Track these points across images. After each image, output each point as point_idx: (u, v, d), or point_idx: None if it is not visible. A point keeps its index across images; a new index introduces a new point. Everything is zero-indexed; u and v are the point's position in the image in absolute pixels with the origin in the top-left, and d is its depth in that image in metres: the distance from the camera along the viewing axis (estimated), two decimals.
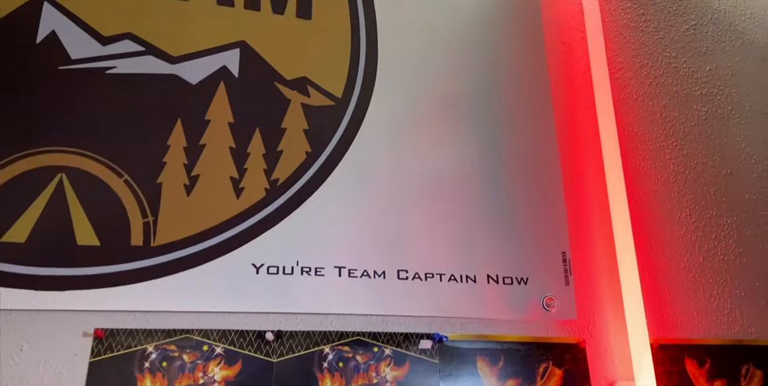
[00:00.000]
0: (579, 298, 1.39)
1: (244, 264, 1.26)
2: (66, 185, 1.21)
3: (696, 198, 1.54)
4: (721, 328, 1.43)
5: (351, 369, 1.25)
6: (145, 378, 1.15)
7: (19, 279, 1.15)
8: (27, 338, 1.12)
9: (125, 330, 1.17)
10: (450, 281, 1.35)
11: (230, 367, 1.20)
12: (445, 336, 1.30)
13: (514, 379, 1.30)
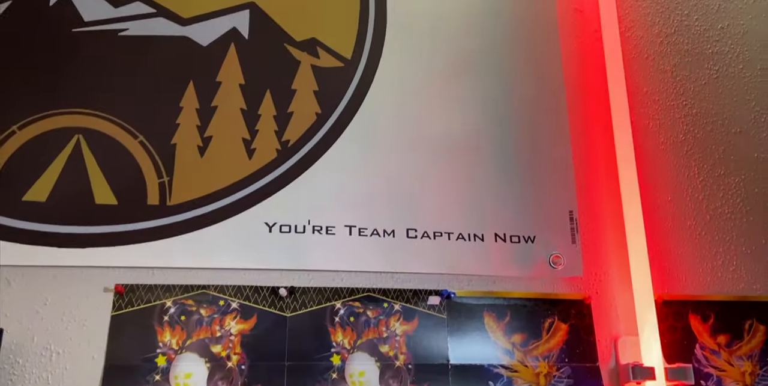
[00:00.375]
0: (585, 256, 1.42)
1: (257, 223, 1.30)
2: (83, 146, 1.25)
3: (704, 157, 1.55)
4: (726, 285, 1.45)
5: (362, 324, 1.30)
6: (165, 330, 1.20)
7: (41, 237, 1.19)
8: (50, 292, 1.17)
9: (144, 286, 1.22)
10: (458, 239, 1.38)
11: (246, 321, 1.25)
12: (453, 292, 1.34)
13: (520, 334, 1.34)
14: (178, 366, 1.19)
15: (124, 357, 1.17)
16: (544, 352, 1.34)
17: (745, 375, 1.38)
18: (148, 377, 1.16)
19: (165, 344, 1.19)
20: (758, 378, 1.39)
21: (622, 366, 1.33)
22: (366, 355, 1.28)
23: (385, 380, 1.26)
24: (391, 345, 1.29)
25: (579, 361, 1.34)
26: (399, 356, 1.29)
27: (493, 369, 1.31)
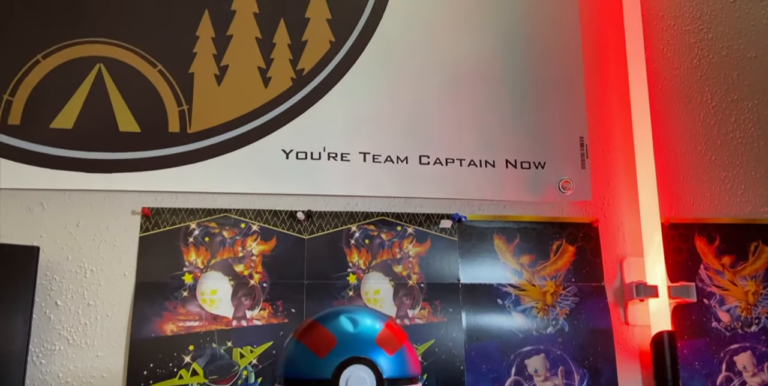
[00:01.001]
0: (594, 180, 1.45)
1: (274, 150, 1.35)
2: (105, 75, 1.29)
3: (718, 82, 1.54)
4: (733, 208, 1.48)
5: (376, 246, 1.36)
6: (190, 251, 1.28)
7: (70, 162, 1.26)
8: (82, 215, 1.25)
9: (169, 209, 1.28)
10: (470, 165, 1.42)
11: (266, 243, 1.31)
12: (464, 216, 1.39)
13: (528, 255, 1.40)
14: (204, 283, 1.27)
15: (153, 275, 1.25)
16: (552, 272, 1.40)
17: (748, 295, 1.43)
18: (177, 293, 1.25)
19: (191, 263, 1.27)
20: (761, 298, 1.43)
21: (627, 285, 1.39)
22: (380, 275, 1.34)
23: (399, 297, 1.33)
24: (404, 266, 1.35)
25: (585, 281, 1.40)
26: (412, 276, 1.35)
27: (502, 288, 1.37)
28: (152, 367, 1.20)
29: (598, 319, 1.37)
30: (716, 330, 1.40)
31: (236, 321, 1.26)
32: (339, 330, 0.89)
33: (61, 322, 1.19)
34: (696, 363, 1.37)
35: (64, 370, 1.17)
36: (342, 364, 0.85)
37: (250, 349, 1.25)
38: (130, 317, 1.21)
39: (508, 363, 1.32)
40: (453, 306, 1.34)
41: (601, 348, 1.36)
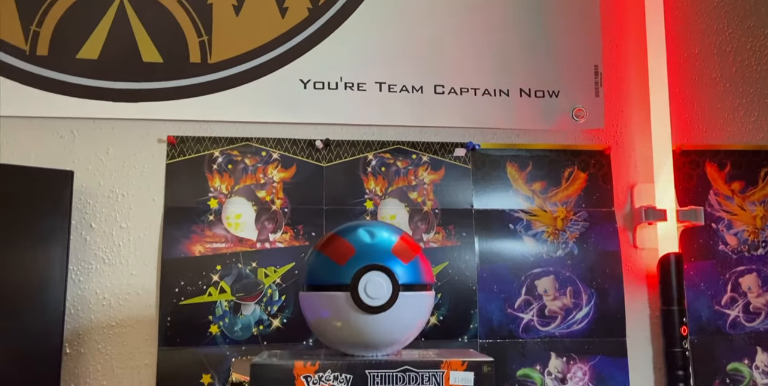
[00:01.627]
0: (608, 108, 1.47)
1: (292, 80, 1.38)
2: (126, 5, 1.33)
3: (735, 9, 1.53)
4: (745, 135, 1.49)
5: (392, 173, 1.40)
6: (215, 177, 1.33)
7: (97, 92, 1.31)
8: (110, 143, 1.30)
9: (194, 138, 1.34)
10: (484, 94, 1.44)
11: (286, 170, 1.37)
12: (477, 145, 1.42)
13: (540, 182, 1.44)
14: (228, 208, 1.33)
15: (180, 200, 1.32)
16: (563, 198, 1.44)
17: (756, 219, 1.46)
18: (203, 217, 1.31)
19: (216, 189, 1.33)
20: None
21: (636, 209, 1.42)
22: (396, 201, 1.40)
23: (414, 222, 1.39)
24: (419, 193, 1.40)
25: (595, 206, 1.44)
26: (427, 202, 1.40)
27: (514, 213, 1.42)
28: (183, 285, 1.28)
29: (607, 242, 1.42)
30: (723, 252, 1.44)
31: (260, 243, 1.33)
32: (357, 240, 0.94)
33: (97, 243, 1.27)
34: (702, 284, 1.42)
35: (101, 287, 1.26)
36: (360, 271, 0.91)
37: (274, 269, 1.32)
38: (160, 239, 1.29)
39: (519, 283, 1.39)
40: (466, 231, 1.39)
41: (609, 270, 1.41)
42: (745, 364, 1.41)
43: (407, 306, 0.92)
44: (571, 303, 1.39)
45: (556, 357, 1.36)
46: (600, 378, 1.36)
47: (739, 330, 1.42)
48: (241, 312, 1.29)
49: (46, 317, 1.15)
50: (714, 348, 1.40)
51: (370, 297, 0.90)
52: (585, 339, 1.37)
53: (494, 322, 1.36)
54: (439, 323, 1.35)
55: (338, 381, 0.88)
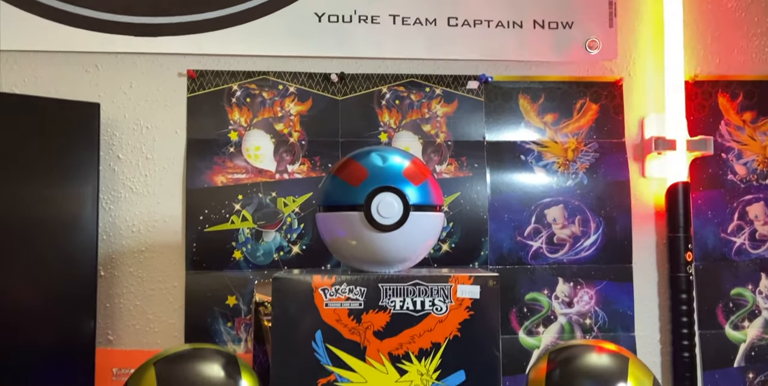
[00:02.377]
0: (621, 39, 1.47)
1: (307, 13, 1.40)
2: None
3: None
4: (759, 66, 1.49)
5: (406, 106, 1.44)
6: (234, 110, 1.38)
7: (118, 26, 1.34)
8: (133, 76, 1.35)
9: (212, 72, 1.37)
10: (497, 27, 1.45)
11: (303, 103, 1.41)
12: (490, 77, 1.44)
13: (552, 114, 1.46)
14: (248, 140, 1.38)
15: (202, 132, 1.37)
16: (574, 130, 1.46)
17: (766, 149, 1.48)
18: (224, 149, 1.37)
19: (235, 122, 1.38)
20: None
21: (647, 140, 1.45)
22: (410, 133, 1.43)
23: (427, 154, 1.43)
24: (432, 125, 1.44)
25: (606, 137, 1.46)
26: (440, 134, 1.44)
27: (525, 145, 1.45)
28: (207, 213, 1.34)
29: (617, 173, 1.45)
30: (731, 182, 1.47)
31: (279, 174, 1.38)
32: (370, 164, 0.99)
33: (124, 173, 1.33)
34: (709, 212, 1.46)
35: (130, 215, 1.33)
36: (373, 192, 0.96)
37: (293, 199, 1.38)
38: (184, 169, 1.35)
39: (529, 212, 1.43)
40: (478, 162, 1.43)
41: (618, 199, 1.45)
42: (748, 289, 1.46)
43: (417, 225, 0.97)
44: (579, 231, 1.43)
45: (563, 283, 1.42)
46: (605, 301, 1.42)
47: (744, 257, 1.46)
48: (262, 239, 1.36)
49: (81, 243, 1.22)
50: (719, 273, 1.45)
51: (382, 217, 0.95)
52: (592, 265, 1.43)
53: (504, 249, 1.42)
54: (451, 250, 1.40)
55: (353, 293, 0.95)
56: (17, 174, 1.16)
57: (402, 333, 0.94)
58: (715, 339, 1.43)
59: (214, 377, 0.83)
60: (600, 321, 1.41)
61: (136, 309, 1.31)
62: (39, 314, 1.17)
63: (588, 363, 0.87)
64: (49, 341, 1.18)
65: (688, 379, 1.38)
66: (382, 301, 0.95)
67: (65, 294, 1.20)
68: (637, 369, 0.86)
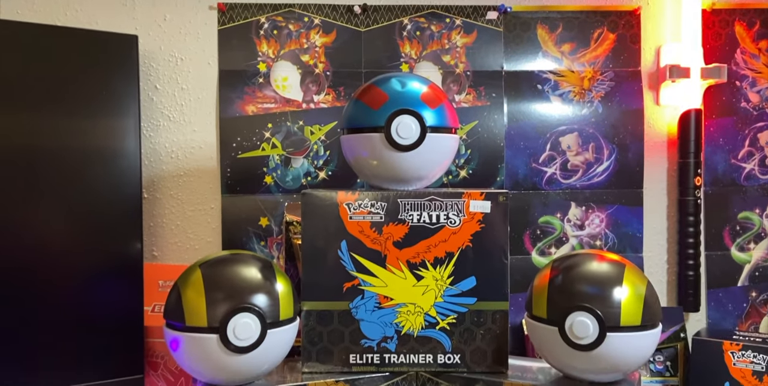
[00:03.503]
0: None
1: None
2: None
3: None
4: None
5: (426, 37, 1.48)
6: (262, 42, 1.45)
7: None
8: (167, 10, 1.42)
9: (241, 5, 1.43)
10: None
11: (327, 35, 1.46)
12: (509, 7, 1.48)
13: (569, 43, 1.49)
14: (275, 71, 1.45)
15: (232, 64, 1.44)
16: (591, 59, 1.50)
17: None
18: (253, 80, 1.44)
19: (263, 53, 1.45)
20: None
21: (662, 68, 1.48)
22: (430, 64, 1.49)
23: (447, 84, 1.49)
24: (452, 55, 1.49)
25: (622, 66, 1.50)
26: (459, 64, 1.49)
27: (542, 74, 1.50)
28: (239, 141, 1.43)
29: (631, 101, 1.50)
30: (744, 109, 1.51)
31: (305, 104, 1.46)
32: (390, 89, 1.06)
33: (162, 103, 1.42)
34: (720, 139, 1.50)
35: (169, 142, 1.43)
36: (392, 114, 1.03)
37: (319, 127, 1.46)
38: (217, 99, 1.43)
39: (544, 140, 1.49)
40: (496, 92, 1.49)
41: (631, 127, 1.50)
42: (756, 213, 1.52)
43: (433, 146, 1.05)
44: (592, 158, 1.50)
45: (576, 207, 1.50)
46: (616, 224, 1.50)
47: (754, 182, 1.51)
48: (291, 165, 1.45)
49: (126, 169, 1.32)
50: (728, 198, 1.51)
51: (401, 137, 1.03)
52: (604, 190, 1.50)
53: (519, 175, 1.49)
54: (468, 176, 1.48)
55: (374, 208, 1.04)
56: (65, 107, 1.26)
57: (419, 243, 1.04)
58: (721, 259, 1.51)
59: (252, 278, 0.94)
60: (610, 242, 1.50)
61: (178, 228, 1.43)
62: (92, 235, 1.29)
63: (587, 269, 0.96)
64: (103, 258, 1.31)
65: (692, 296, 1.47)
66: (401, 215, 1.04)
67: (115, 215, 1.31)
68: (633, 275, 0.95)
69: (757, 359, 1.22)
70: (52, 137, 1.25)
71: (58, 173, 1.25)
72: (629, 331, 0.91)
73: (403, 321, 1.03)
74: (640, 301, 0.92)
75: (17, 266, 1.22)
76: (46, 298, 1.24)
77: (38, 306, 1.23)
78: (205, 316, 0.90)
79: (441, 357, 1.03)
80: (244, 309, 0.90)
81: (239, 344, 0.90)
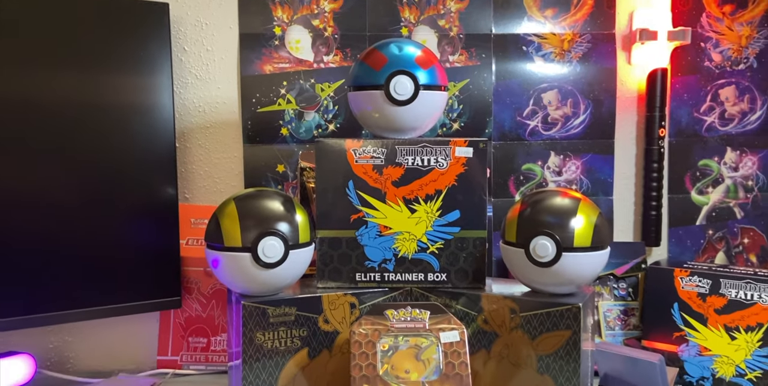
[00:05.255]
0: None
1: None
2: None
3: None
4: None
5: (424, 3, 1.65)
6: (277, 8, 1.62)
7: None
8: None
9: None
10: None
11: (335, 1, 1.64)
12: None
13: (552, 8, 1.66)
14: (289, 34, 1.63)
15: (251, 27, 1.62)
16: (571, 23, 1.67)
17: (741, 38, 1.67)
18: (270, 42, 1.63)
19: (278, 18, 1.63)
20: (752, 41, 1.68)
21: (633, 31, 1.65)
22: (427, 28, 1.66)
23: (442, 46, 1.67)
24: (446, 20, 1.66)
25: (598, 29, 1.67)
26: (453, 28, 1.66)
27: (527, 37, 1.67)
28: (258, 96, 1.63)
29: (605, 61, 1.68)
30: (707, 68, 1.68)
31: (316, 64, 1.64)
32: (389, 52, 1.25)
33: (190, 63, 1.61)
34: (685, 94, 1.69)
35: (197, 98, 1.63)
36: (391, 74, 1.22)
37: (328, 85, 1.65)
38: (238, 60, 1.62)
39: (527, 96, 1.68)
40: (485, 53, 1.67)
41: (605, 84, 1.68)
42: (714, 161, 1.71)
43: (426, 102, 1.25)
44: (570, 112, 1.69)
45: (555, 155, 1.70)
46: (590, 170, 1.70)
47: (713, 133, 1.71)
48: (304, 118, 1.65)
49: (161, 121, 1.51)
50: (690, 147, 1.71)
51: (398, 94, 1.22)
52: (579, 141, 1.69)
53: (505, 128, 1.68)
54: (460, 128, 1.68)
55: (376, 153, 1.25)
56: (108, 67, 1.44)
57: (413, 183, 1.25)
58: (682, 201, 1.72)
59: (277, 209, 1.15)
60: (584, 187, 1.70)
61: (206, 173, 1.65)
62: (133, 180, 1.50)
63: (550, 203, 1.17)
64: (144, 200, 1.52)
65: (654, 233, 1.68)
66: (398, 159, 1.24)
67: (153, 161, 1.52)
68: (587, 207, 1.16)
69: (701, 283, 1.43)
70: (98, 93, 1.44)
71: (103, 126, 1.45)
72: (581, 251, 1.13)
73: (400, 246, 1.25)
74: (590, 228, 1.14)
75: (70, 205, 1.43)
76: (97, 233, 1.46)
77: (89, 240, 1.45)
78: (239, 239, 1.12)
79: (431, 276, 1.26)
80: (271, 233, 1.12)
81: (267, 261, 1.12)
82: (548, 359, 1.14)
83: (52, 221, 1.41)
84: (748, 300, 1.37)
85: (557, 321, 1.13)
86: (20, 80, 1.37)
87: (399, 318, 1.11)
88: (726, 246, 1.72)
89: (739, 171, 1.71)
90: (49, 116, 1.39)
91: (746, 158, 1.71)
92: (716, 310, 1.40)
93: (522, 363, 1.16)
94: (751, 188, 1.72)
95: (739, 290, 1.38)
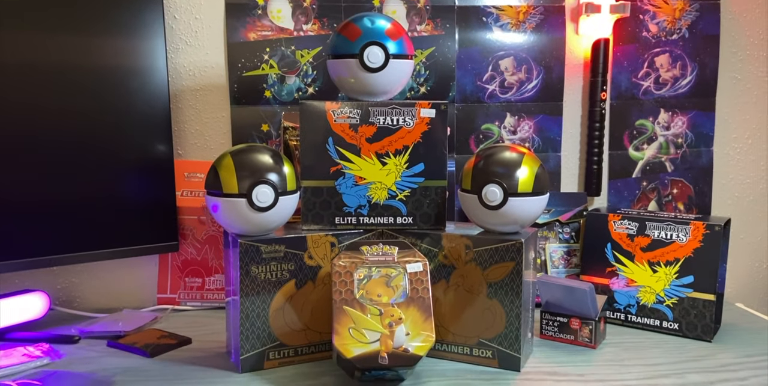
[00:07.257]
0: None
1: None
2: None
3: None
4: None
5: None
6: None
7: None
8: None
9: None
10: None
11: None
12: None
13: None
14: (271, 4, 1.79)
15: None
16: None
17: (675, 11, 1.88)
18: (253, 11, 1.78)
19: None
20: (685, 14, 1.89)
21: (580, 5, 1.85)
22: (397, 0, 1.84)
23: (410, 16, 1.84)
24: None
25: (550, 2, 1.87)
26: (420, 0, 1.84)
27: (487, 9, 1.86)
28: (243, 61, 1.80)
29: (556, 31, 1.88)
30: (645, 38, 1.89)
31: (296, 32, 1.81)
32: (363, 25, 1.42)
33: (180, 30, 1.77)
34: (625, 62, 1.90)
35: (187, 63, 1.79)
36: (365, 45, 1.40)
37: (307, 51, 1.82)
38: (224, 27, 1.78)
39: (487, 63, 1.88)
40: (449, 23, 1.85)
41: (555, 52, 1.88)
42: (649, 121, 1.94)
43: (395, 69, 1.43)
44: (524, 77, 1.89)
45: (510, 116, 1.91)
46: (541, 130, 1.91)
47: (649, 96, 1.93)
48: (285, 82, 1.82)
49: (156, 83, 1.67)
50: (628, 109, 1.93)
51: (371, 62, 1.41)
52: (532, 103, 1.90)
53: (467, 91, 1.88)
54: (426, 92, 1.87)
55: (352, 113, 1.43)
56: (107, 31, 1.59)
57: (384, 139, 1.44)
58: (620, 157, 1.95)
59: (267, 161, 1.34)
60: (536, 144, 1.92)
61: (197, 132, 1.82)
62: (131, 137, 1.66)
63: (500, 156, 1.38)
64: (142, 156, 1.68)
65: (595, 184, 1.92)
66: (371, 119, 1.43)
67: (148, 119, 1.68)
68: (530, 160, 1.37)
69: (630, 225, 1.67)
70: (98, 56, 1.59)
71: (102, 86, 1.61)
72: (524, 196, 1.35)
73: (373, 194, 1.46)
74: (532, 177, 1.35)
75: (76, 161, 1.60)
76: (101, 185, 1.64)
77: (95, 191, 1.63)
78: (236, 186, 1.31)
79: (399, 219, 1.47)
80: (263, 182, 1.32)
81: (260, 205, 1.32)
82: (496, 286, 1.37)
83: (62, 176, 1.58)
84: (667, 239, 1.61)
85: (504, 254, 1.36)
86: (25, 45, 1.51)
87: (372, 252, 1.32)
88: (657, 196, 1.97)
89: (670, 130, 1.94)
90: (53, 78, 1.55)
91: (677, 119, 1.94)
92: (642, 248, 1.65)
93: (475, 290, 1.40)
94: (680, 145, 1.95)
95: (661, 231, 1.62)
